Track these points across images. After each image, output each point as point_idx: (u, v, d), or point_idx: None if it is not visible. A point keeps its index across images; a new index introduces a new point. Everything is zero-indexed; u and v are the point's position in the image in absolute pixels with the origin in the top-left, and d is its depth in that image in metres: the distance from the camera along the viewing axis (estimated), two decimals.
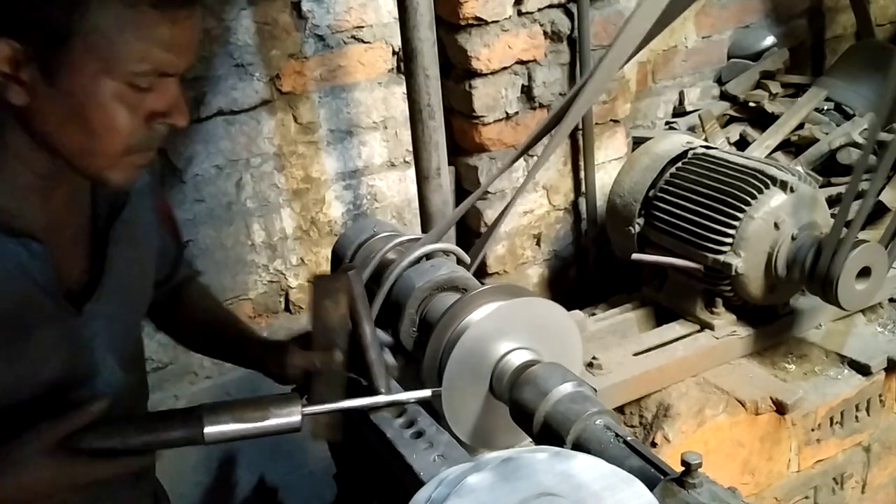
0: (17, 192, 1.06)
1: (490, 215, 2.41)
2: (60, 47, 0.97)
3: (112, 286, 1.18)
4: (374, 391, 1.33)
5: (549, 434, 1.21)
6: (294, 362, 1.30)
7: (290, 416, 1.17)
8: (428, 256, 1.66)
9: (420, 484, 1.13)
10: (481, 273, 2.42)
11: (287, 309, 2.45)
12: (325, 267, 2.40)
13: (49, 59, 0.97)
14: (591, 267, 2.63)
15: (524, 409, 1.26)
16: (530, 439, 1.44)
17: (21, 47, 0.96)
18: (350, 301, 1.30)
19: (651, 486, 1.03)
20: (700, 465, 1.01)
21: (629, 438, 1.14)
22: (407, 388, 1.39)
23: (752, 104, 2.96)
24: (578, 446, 1.17)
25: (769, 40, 3.15)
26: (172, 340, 1.51)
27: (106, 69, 0.99)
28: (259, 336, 1.44)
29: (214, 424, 1.12)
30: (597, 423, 1.18)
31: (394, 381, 1.40)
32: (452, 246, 1.72)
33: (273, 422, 1.16)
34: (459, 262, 1.69)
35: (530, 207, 2.50)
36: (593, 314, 2.25)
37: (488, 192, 2.37)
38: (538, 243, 2.55)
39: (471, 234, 2.42)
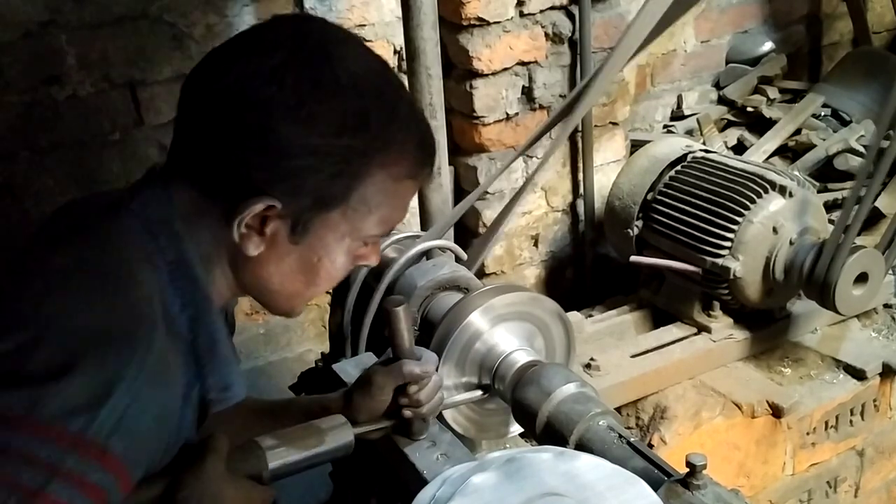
0: None
1: (488, 215, 2.41)
2: (322, 212, 1.02)
3: None
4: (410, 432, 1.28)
5: (553, 434, 1.22)
6: (385, 382, 1.21)
7: (344, 437, 1.15)
8: (427, 255, 1.66)
9: (423, 482, 1.13)
10: (479, 273, 2.42)
11: None
12: None
13: (305, 220, 1.02)
14: (589, 269, 2.63)
15: (527, 409, 1.27)
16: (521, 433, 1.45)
17: (280, 206, 0.99)
18: (394, 335, 1.22)
19: (654, 487, 1.04)
20: (704, 466, 1.02)
21: (633, 439, 1.15)
22: None
23: (749, 109, 2.98)
24: (582, 446, 1.17)
25: (767, 46, 3.18)
26: None
27: (352, 232, 1.05)
28: (317, 396, 1.36)
29: (276, 458, 1.08)
30: (600, 423, 1.19)
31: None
32: (451, 243, 1.72)
33: (329, 445, 1.13)
34: (457, 259, 1.69)
35: (528, 208, 2.50)
36: (590, 316, 2.26)
37: (487, 193, 2.37)
38: (536, 244, 2.55)
39: (469, 234, 2.42)
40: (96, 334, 0.90)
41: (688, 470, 1.03)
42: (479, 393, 1.40)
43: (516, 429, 1.46)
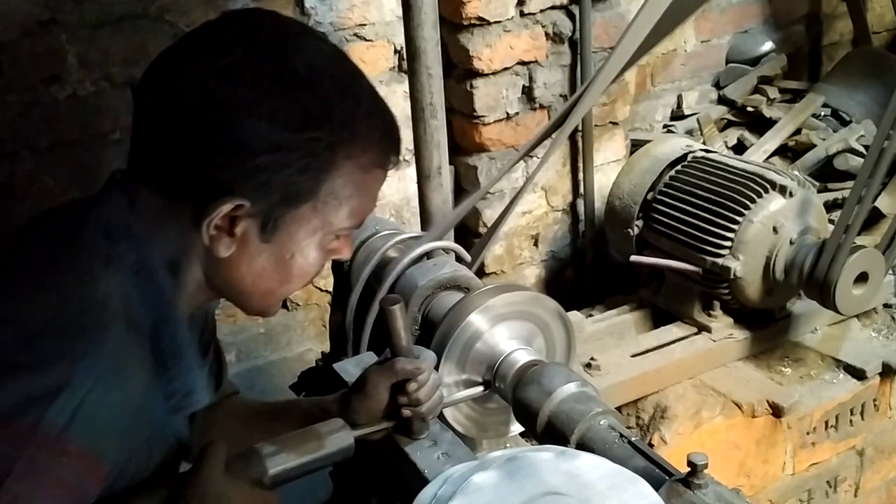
0: None
1: (489, 215, 2.41)
2: (291, 208, 1.00)
3: None
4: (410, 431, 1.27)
5: (554, 433, 1.22)
6: (378, 380, 1.20)
7: (344, 441, 1.14)
8: (428, 255, 1.66)
9: (424, 482, 1.13)
10: (479, 273, 2.42)
11: (284, 305, 2.45)
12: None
13: (275, 217, 1.00)
14: (588, 268, 2.63)
15: (528, 409, 1.27)
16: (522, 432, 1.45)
17: (248, 205, 0.98)
18: (390, 334, 1.22)
19: (655, 486, 1.04)
20: (706, 466, 1.02)
21: (634, 439, 1.15)
22: None
23: (749, 109, 2.98)
24: (583, 446, 1.17)
25: (767, 45, 3.18)
26: None
27: (323, 226, 1.03)
28: (316, 398, 1.35)
29: (276, 464, 1.07)
30: (601, 423, 1.19)
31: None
32: (453, 244, 1.72)
33: (329, 450, 1.12)
34: (460, 260, 1.69)
35: (529, 208, 2.50)
36: (590, 315, 2.25)
37: (487, 193, 2.37)
38: (536, 244, 2.56)
39: (469, 233, 2.42)
40: (50, 326, 0.92)
41: (689, 469, 1.03)
42: (479, 389, 1.39)
43: (517, 428, 1.46)
